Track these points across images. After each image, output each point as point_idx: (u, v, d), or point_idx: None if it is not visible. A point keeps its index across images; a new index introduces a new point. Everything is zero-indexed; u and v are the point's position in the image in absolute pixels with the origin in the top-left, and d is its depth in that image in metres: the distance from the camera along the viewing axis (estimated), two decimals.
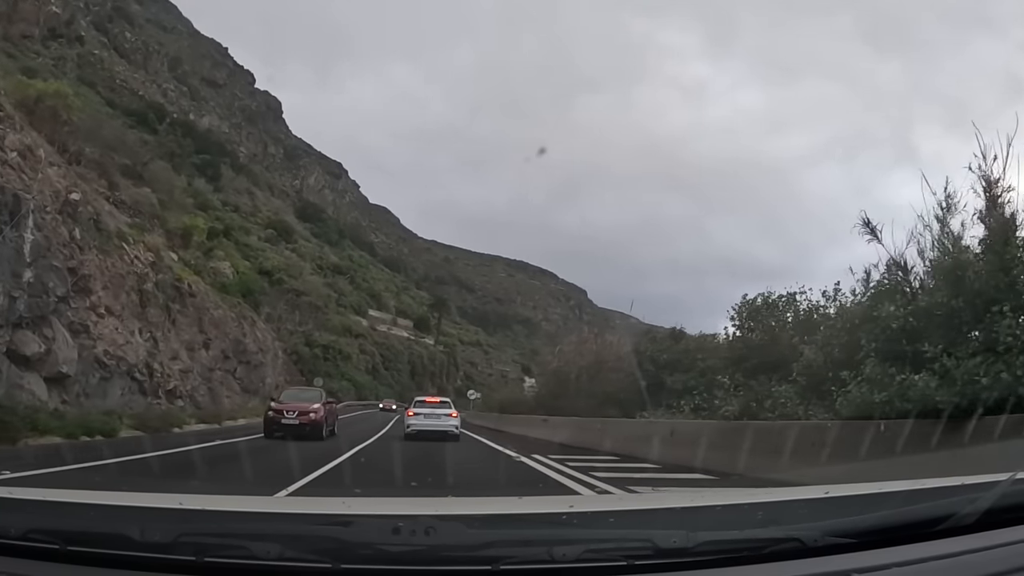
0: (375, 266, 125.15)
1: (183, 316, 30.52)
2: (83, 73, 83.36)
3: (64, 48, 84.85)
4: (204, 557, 1.55)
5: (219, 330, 35.34)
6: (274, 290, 64.79)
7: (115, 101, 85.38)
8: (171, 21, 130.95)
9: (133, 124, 77.94)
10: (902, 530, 1.73)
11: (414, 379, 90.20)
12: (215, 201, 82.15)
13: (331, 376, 64.35)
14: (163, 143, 75.71)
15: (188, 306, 31.11)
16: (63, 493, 2.13)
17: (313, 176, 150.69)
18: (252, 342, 41.83)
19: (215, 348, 34.40)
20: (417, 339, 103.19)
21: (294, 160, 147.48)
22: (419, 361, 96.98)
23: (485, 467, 15.01)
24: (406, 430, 22.16)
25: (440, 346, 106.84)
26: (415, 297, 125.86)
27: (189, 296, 31.48)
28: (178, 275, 30.84)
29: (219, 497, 2.31)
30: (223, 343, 35.78)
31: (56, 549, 1.58)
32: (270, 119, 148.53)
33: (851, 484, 2.49)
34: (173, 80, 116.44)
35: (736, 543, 1.67)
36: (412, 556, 1.57)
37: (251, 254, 72.23)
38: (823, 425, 10.31)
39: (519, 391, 54.14)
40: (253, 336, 42.62)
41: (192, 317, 31.45)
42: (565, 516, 2.02)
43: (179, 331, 29.82)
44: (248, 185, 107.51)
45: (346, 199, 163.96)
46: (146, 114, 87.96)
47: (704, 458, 11.71)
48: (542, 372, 43.14)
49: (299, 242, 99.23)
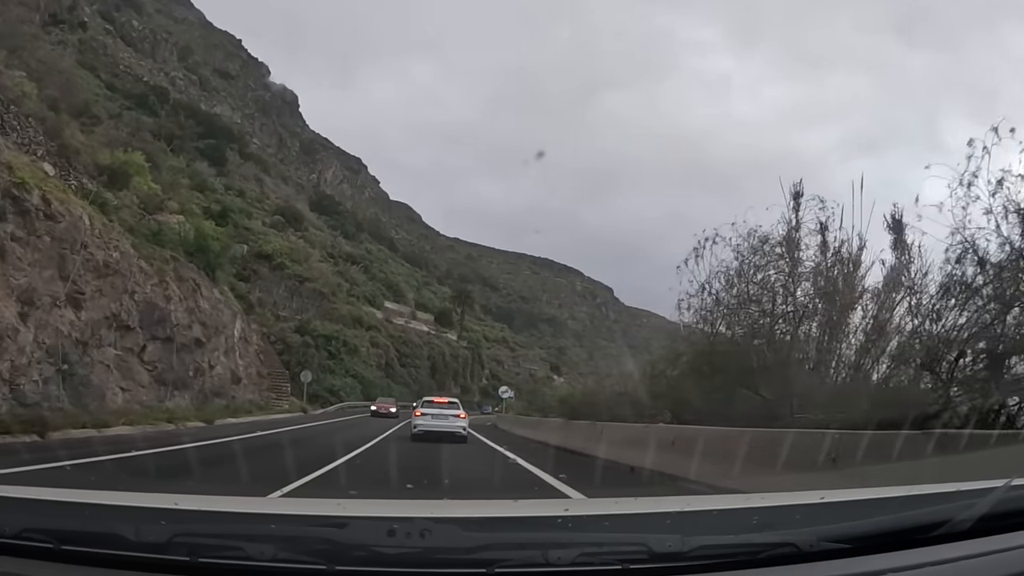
0: (395, 260, 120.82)
1: (24, 247, 19.00)
2: (84, 58, 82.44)
3: (65, 34, 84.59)
4: (198, 558, 1.54)
5: (112, 284, 23.34)
6: (275, 274, 62.66)
7: (116, 85, 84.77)
8: (182, 12, 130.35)
9: (131, 106, 77.78)
10: (898, 536, 1.73)
11: (434, 377, 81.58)
12: (216, 184, 79.62)
13: (332, 372, 59.03)
14: (163, 125, 75.51)
15: (39, 232, 19.46)
16: (57, 492, 2.12)
17: (331, 170, 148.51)
18: (184, 313, 29.57)
19: (95, 308, 22.17)
20: (438, 333, 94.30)
21: (311, 154, 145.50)
22: (440, 358, 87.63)
23: None
24: (413, 431, 21.94)
25: (464, 342, 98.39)
26: (437, 292, 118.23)
27: (42, 217, 19.66)
28: (18, 179, 19.11)
29: (214, 498, 2.31)
30: (117, 304, 23.57)
31: (50, 548, 1.57)
32: (286, 112, 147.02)
33: (847, 490, 2.49)
34: (182, 69, 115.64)
35: (731, 548, 1.67)
36: (407, 558, 1.57)
37: (250, 237, 69.49)
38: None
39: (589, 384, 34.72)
40: (189, 306, 30.41)
41: (45, 252, 19.73)
42: (560, 519, 2.02)
43: (8, 269, 18.32)
44: (257, 172, 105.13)
45: (365, 194, 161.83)
46: (147, 97, 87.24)
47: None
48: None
49: (309, 230, 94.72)
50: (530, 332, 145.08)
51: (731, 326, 14.93)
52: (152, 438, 16.44)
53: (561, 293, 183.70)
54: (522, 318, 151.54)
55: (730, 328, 14.95)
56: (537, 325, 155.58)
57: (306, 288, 66.60)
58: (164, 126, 75.26)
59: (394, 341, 78.84)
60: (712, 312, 15.11)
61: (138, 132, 56.49)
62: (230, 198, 77.75)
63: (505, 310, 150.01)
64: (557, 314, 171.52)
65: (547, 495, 9.18)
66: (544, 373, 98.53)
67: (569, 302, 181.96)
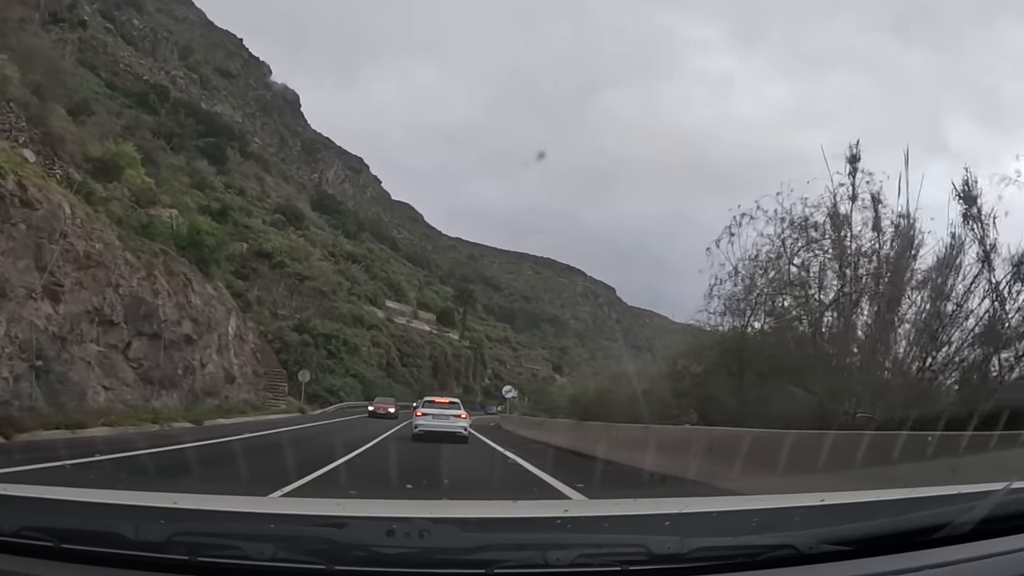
0: (397, 260, 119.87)
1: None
2: (83, 56, 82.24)
3: (65, 32, 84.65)
4: (197, 557, 1.55)
5: (95, 277, 22.22)
6: (274, 272, 61.85)
7: (116, 83, 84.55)
8: (183, 11, 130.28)
9: (131, 105, 77.51)
10: (898, 538, 1.73)
11: (436, 376, 79.91)
12: (216, 182, 79.10)
13: (332, 371, 57.78)
14: (163, 123, 75.32)
15: (13, 220, 18.58)
16: (58, 491, 2.12)
17: (333, 170, 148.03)
18: (174, 309, 28.18)
19: (75, 302, 21.09)
20: (440, 333, 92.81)
21: (313, 153, 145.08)
22: (442, 357, 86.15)
23: None
24: (414, 431, 22.04)
25: (466, 341, 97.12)
26: (439, 292, 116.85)
27: (17, 204, 18.82)
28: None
29: (213, 497, 2.31)
30: (100, 298, 22.43)
31: (50, 547, 1.57)
32: (288, 112, 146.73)
33: (847, 492, 2.48)
34: (183, 68, 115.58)
35: (730, 549, 1.67)
36: (406, 558, 1.57)
37: (250, 235, 68.86)
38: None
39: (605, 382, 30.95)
40: (179, 301, 28.92)
41: (20, 241, 18.84)
42: (560, 520, 2.02)
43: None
44: (257, 171, 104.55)
45: (367, 194, 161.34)
46: (147, 95, 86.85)
47: None
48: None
49: (310, 229, 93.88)
50: (532, 332, 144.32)
51: (765, 315, 13.16)
52: (126, 440, 15.10)
53: (564, 293, 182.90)
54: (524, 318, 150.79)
55: (764, 319, 13.18)
56: (539, 325, 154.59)
57: (306, 287, 65.60)
58: (164, 124, 75.02)
59: (396, 340, 77.32)
60: (742, 301, 13.30)
61: (137, 129, 56.19)
62: (230, 196, 76.95)
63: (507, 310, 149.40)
64: (559, 314, 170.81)
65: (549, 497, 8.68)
66: (547, 373, 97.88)
67: (571, 302, 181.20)
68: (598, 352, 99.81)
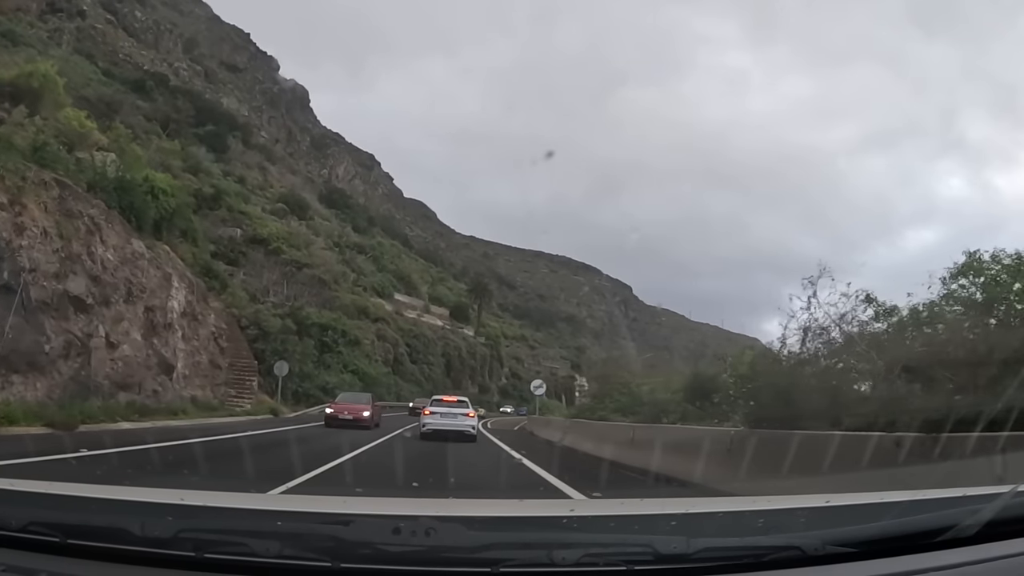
0: (409, 256, 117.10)
1: None
2: (81, 46, 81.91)
3: (63, 21, 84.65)
4: (204, 553, 1.55)
5: None
6: (269, 259, 58.90)
7: (113, 72, 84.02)
8: (188, 6, 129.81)
9: (127, 91, 77.06)
10: (903, 540, 1.73)
11: (450, 375, 75.01)
12: (213, 168, 76.81)
13: (327, 367, 52.07)
14: (159, 108, 75.05)
15: None
16: (64, 486, 2.14)
17: (343, 166, 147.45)
18: (54, 258, 20.72)
19: None
20: (454, 329, 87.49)
21: (322, 149, 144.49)
22: (456, 354, 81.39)
23: None
24: (422, 429, 22.37)
25: (482, 338, 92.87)
26: (452, 288, 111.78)
27: None
28: None
29: (220, 494, 2.32)
30: None
31: (56, 542, 1.58)
32: (296, 108, 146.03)
33: (852, 493, 2.48)
34: (187, 60, 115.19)
35: (736, 550, 1.67)
36: (412, 557, 1.58)
37: (245, 221, 65.93)
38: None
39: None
40: (73, 251, 21.77)
41: None
42: (566, 520, 2.03)
43: None
44: (261, 160, 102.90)
45: (379, 191, 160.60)
46: (143, 82, 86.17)
47: None
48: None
49: (315, 219, 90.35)
50: (548, 330, 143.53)
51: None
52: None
53: (579, 291, 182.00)
54: (540, 316, 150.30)
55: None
56: (555, 323, 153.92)
57: (304, 274, 61.43)
58: (160, 110, 74.34)
59: (404, 335, 71.51)
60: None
61: (122, 108, 54.50)
62: (227, 183, 74.54)
63: (523, 308, 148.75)
64: (576, 312, 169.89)
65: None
66: (566, 372, 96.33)
67: (588, 300, 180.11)
68: (614, 351, 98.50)
